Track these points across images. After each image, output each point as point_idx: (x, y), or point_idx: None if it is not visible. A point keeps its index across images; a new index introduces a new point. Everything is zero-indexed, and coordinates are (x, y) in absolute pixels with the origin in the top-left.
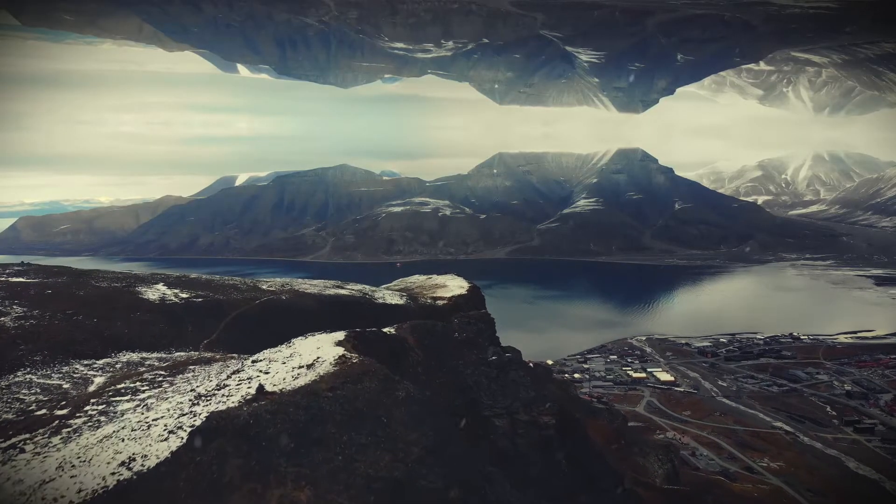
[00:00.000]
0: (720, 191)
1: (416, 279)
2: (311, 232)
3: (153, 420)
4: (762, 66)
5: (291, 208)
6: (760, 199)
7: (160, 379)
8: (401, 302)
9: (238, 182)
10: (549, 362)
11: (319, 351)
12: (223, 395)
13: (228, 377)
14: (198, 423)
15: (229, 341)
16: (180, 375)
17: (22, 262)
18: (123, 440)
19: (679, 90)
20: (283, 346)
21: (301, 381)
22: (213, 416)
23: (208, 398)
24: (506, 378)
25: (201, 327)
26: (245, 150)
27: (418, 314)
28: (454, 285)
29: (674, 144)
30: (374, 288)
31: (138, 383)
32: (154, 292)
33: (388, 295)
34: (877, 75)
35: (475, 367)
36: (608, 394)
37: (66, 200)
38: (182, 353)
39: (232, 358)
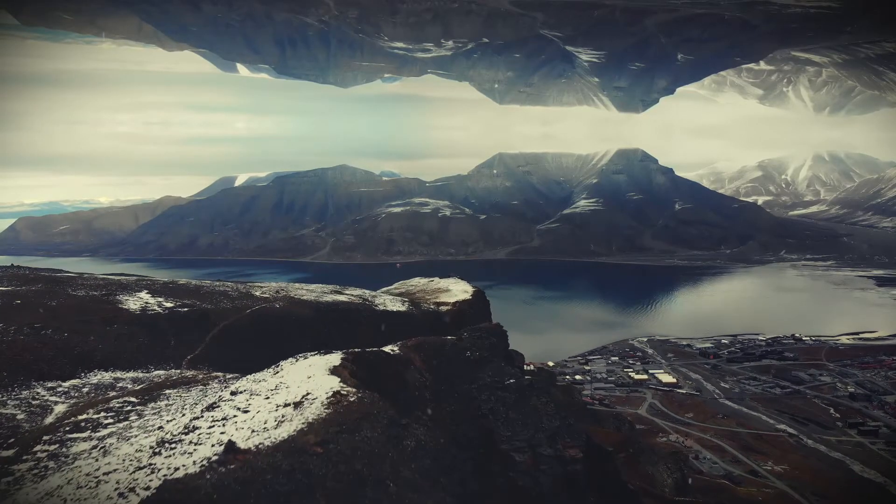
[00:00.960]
0: (720, 191)
1: (418, 282)
2: (311, 232)
3: (105, 474)
4: (762, 65)
5: (291, 209)
6: (760, 200)
7: (128, 408)
8: (402, 308)
9: (237, 182)
10: (550, 364)
11: (311, 382)
12: (190, 443)
13: (202, 413)
14: (153, 484)
15: (215, 356)
16: (152, 404)
17: (11, 264)
18: (65, 502)
19: (679, 90)
20: (270, 371)
21: (285, 430)
22: (165, 487)
23: (173, 445)
24: (526, 405)
25: (186, 340)
26: (244, 150)
27: (421, 321)
28: (458, 290)
29: (674, 145)
30: (373, 293)
31: (102, 413)
32: (136, 301)
33: (389, 301)
34: (877, 75)
35: (490, 392)
36: (610, 396)
37: (66, 201)
38: (161, 372)
39: (215, 378)
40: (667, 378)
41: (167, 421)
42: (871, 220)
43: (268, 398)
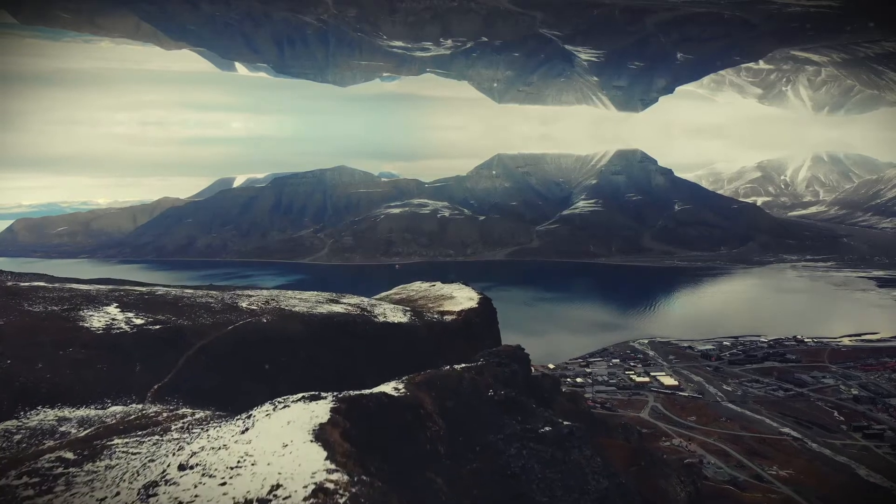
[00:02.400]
0: (719, 192)
1: (419, 287)
2: (310, 233)
3: None
4: (761, 64)
5: (289, 210)
6: (760, 201)
7: (58, 471)
8: (404, 319)
9: (236, 184)
10: (551, 366)
11: (287, 456)
12: None
13: (138, 498)
14: None
15: (188, 384)
16: (89, 465)
17: None
18: None
19: (678, 89)
20: (238, 425)
21: None
22: None
23: None
24: (567, 459)
25: (154, 365)
26: (243, 151)
27: (426, 335)
28: (462, 297)
29: (673, 145)
30: (372, 301)
31: (24, 479)
32: (101, 317)
33: (390, 310)
34: (876, 74)
35: (521, 443)
36: (612, 399)
37: (64, 202)
38: (118, 409)
39: (180, 419)
40: (669, 381)
41: (97, 499)
42: (871, 220)
43: (223, 483)
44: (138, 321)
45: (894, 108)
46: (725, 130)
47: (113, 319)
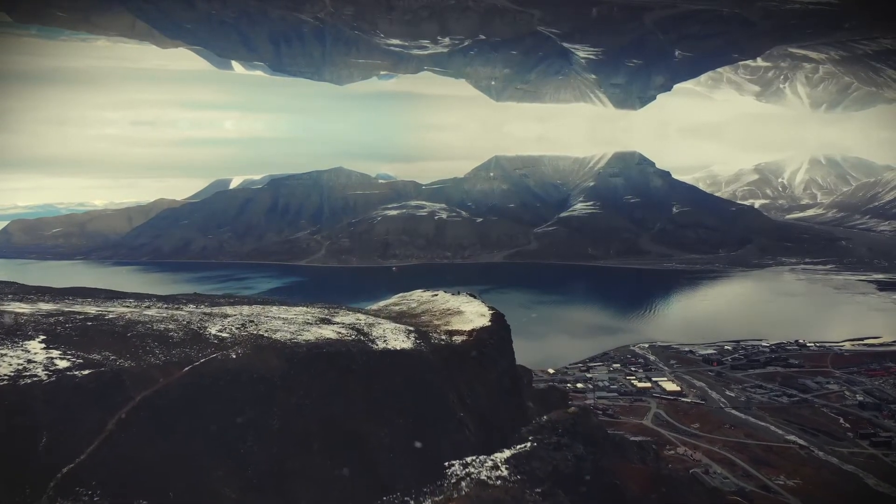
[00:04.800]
0: (717, 194)
1: (420, 297)
2: (306, 235)
3: None
4: (759, 62)
5: (286, 211)
6: (757, 203)
7: None
8: (407, 344)
9: (232, 185)
10: (551, 371)
11: None
12: None
13: None
14: None
15: (114, 465)
16: None
17: None
18: None
19: (675, 86)
20: None
21: None
22: None
23: None
24: None
25: (70, 435)
26: (239, 152)
27: (437, 366)
28: (472, 312)
29: (670, 147)
30: (369, 318)
31: None
32: (13, 359)
33: (390, 332)
34: (874, 71)
35: None
36: (613, 405)
37: (60, 203)
38: None
39: None
40: (670, 386)
41: None
42: (869, 223)
43: None
44: (62, 363)
45: (892, 106)
46: (723, 130)
47: (28, 362)
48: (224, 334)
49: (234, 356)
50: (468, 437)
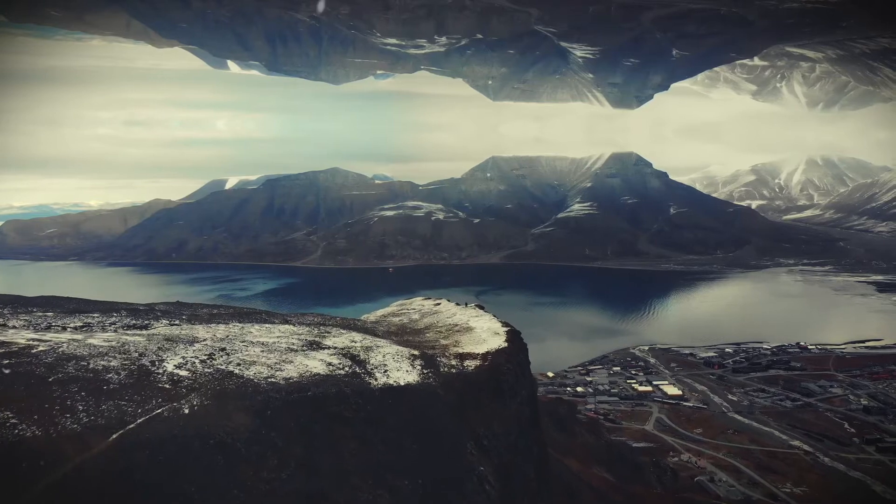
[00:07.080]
0: (714, 195)
1: (421, 305)
2: (302, 236)
3: None
4: (756, 61)
5: (282, 212)
6: (754, 204)
7: None
8: (413, 377)
9: (228, 185)
10: (550, 374)
11: None
12: None
13: None
14: None
15: None
16: None
17: None
18: None
19: (672, 85)
20: None
21: None
22: None
23: None
24: None
25: None
26: (235, 153)
27: (443, 395)
28: (483, 329)
29: (667, 148)
30: (367, 341)
31: None
32: None
33: (392, 360)
34: (871, 70)
35: None
36: (615, 410)
37: (55, 204)
38: None
39: None
40: (672, 390)
41: None
42: (867, 224)
43: None
44: None
45: (888, 105)
46: (720, 129)
47: None
48: (182, 372)
49: (187, 410)
50: (489, 495)
